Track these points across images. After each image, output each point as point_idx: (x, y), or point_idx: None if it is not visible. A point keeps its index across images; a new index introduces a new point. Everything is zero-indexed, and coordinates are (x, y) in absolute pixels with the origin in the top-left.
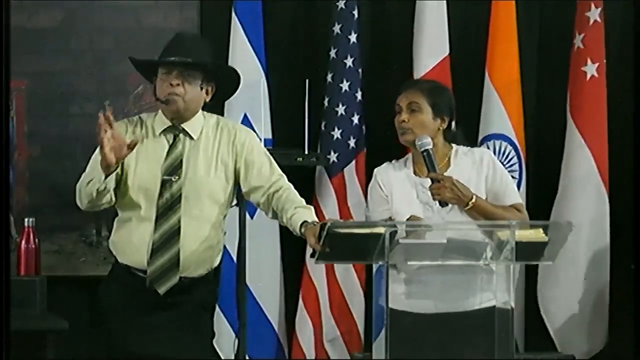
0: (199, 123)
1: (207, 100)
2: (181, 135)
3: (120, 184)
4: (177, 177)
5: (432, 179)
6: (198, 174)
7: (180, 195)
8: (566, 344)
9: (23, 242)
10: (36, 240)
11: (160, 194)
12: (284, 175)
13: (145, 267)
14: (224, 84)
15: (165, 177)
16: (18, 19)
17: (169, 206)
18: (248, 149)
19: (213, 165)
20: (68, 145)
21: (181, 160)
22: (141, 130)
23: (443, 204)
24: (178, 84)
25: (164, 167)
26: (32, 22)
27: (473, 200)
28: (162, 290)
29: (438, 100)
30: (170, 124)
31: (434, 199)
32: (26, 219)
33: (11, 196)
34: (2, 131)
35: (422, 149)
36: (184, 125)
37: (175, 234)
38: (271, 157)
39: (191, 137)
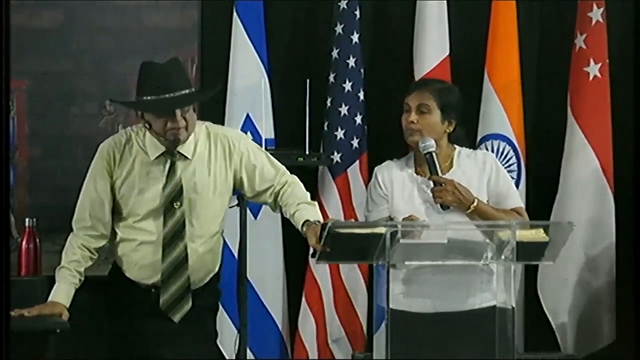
0: (192, 140)
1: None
2: (176, 158)
3: (119, 209)
4: (179, 204)
5: (434, 182)
6: (200, 196)
7: (184, 221)
8: (568, 340)
9: (24, 242)
10: (37, 240)
11: (165, 222)
12: (285, 169)
13: (149, 282)
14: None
15: (167, 205)
16: (18, 18)
17: (174, 234)
18: (246, 156)
19: (212, 183)
20: (68, 145)
21: (181, 187)
22: (131, 154)
23: (444, 207)
24: (181, 119)
25: (165, 195)
26: (33, 22)
27: (474, 203)
28: (177, 318)
29: (447, 102)
30: (164, 149)
31: (435, 202)
32: (27, 219)
33: (12, 196)
34: (2, 131)
35: (425, 152)
36: (179, 149)
37: (183, 261)
38: (268, 153)
39: (186, 158)
